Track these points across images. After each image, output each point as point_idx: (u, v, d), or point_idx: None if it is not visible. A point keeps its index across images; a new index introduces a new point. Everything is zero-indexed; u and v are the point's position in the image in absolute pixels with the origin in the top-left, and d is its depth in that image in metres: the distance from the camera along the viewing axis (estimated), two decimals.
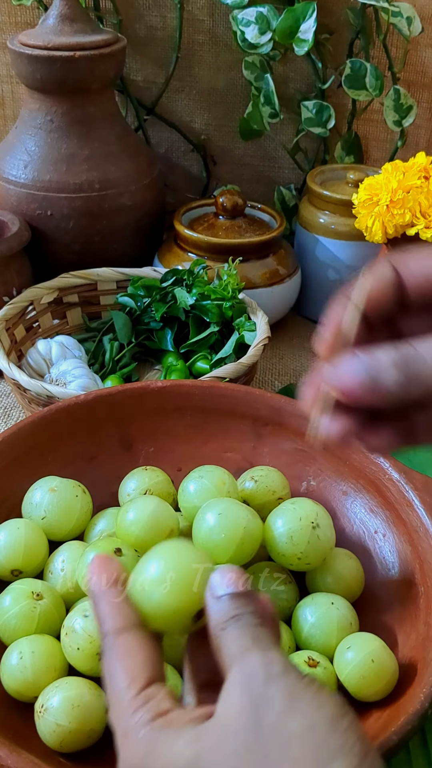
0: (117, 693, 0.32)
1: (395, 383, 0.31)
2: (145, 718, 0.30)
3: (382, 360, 0.31)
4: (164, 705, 0.31)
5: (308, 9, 0.90)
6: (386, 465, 0.59)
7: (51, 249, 0.92)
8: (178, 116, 1.10)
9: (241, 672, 0.30)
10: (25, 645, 0.49)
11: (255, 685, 0.29)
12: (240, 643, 0.31)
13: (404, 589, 0.55)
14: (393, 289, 0.33)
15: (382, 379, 0.31)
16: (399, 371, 0.30)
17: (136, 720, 0.31)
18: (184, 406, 0.65)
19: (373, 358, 0.31)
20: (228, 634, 0.31)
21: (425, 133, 1.05)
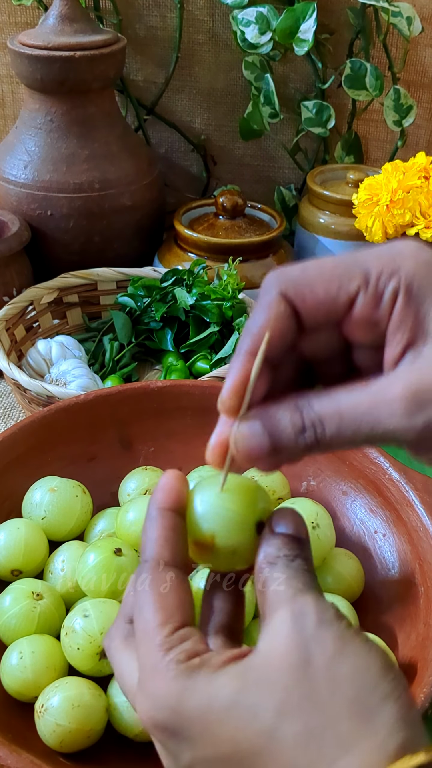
0: (148, 628, 0.31)
1: (297, 448, 0.31)
2: (180, 657, 0.29)
3: (282, 426, 0.31)
4: (199, 646, 0.30)
5: (308, 9, 0.90)
6: (386, 465, 0.59)
7: (51, 249, 0.92)
8: (178, 116, 1.10)
9: (293, 612, 0.29)
10: (25, 645, 0.49)
11: (307, 625, 0.29)
12: (291, 584, 0.30)
13: (404, 589, 0.55)
14: (290, 325, 0.32)
15: (283, 445, 0.31)
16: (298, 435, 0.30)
17: (170, 658, 0.30)
18: (184, 406, 0.65)
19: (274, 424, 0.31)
20: (278, 572, 0.31)
21: (425, 133, 1.05)
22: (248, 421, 0.32)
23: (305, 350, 0.33)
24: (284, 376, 0.33)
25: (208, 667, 0.29)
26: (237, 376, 0.32)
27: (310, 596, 0.30)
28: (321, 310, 0.31)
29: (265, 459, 0.32)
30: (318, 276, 0.31)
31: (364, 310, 0.31)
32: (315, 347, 0.33)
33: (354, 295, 0.31)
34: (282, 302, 0.31)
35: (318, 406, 0.30)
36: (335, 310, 0.31)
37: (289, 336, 0.32)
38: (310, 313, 0.31)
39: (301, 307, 0.31)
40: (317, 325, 0.32)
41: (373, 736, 0.26)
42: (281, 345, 0.32)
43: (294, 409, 0.31)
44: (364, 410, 0.30)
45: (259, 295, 0.32)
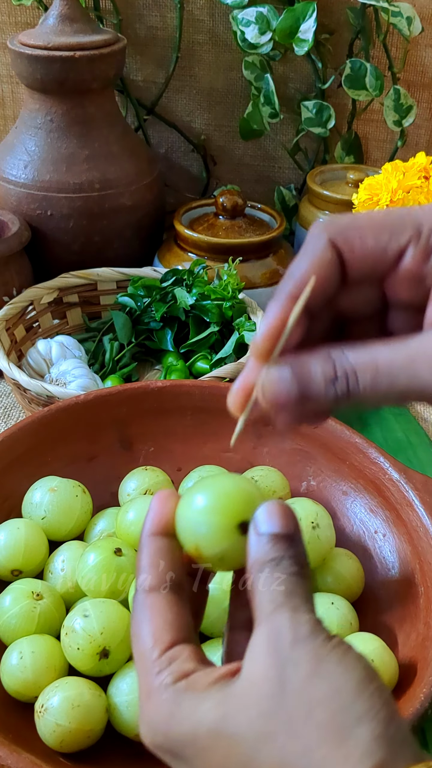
0: (142, 653, 0.31)
1: (327, 398, 0.30)
2: (168, 679, 0.30)
3: (313, 373, 0.30)
4: (187, 666, 0.30)
5: (308, 9, 0.90)
6: (386, 465, 0.59)
7: (51, 249, 0.92)
8: (178, 116, 1.10)
9: (269, 632, 0.29)
10: (25, 645, 0.49)
11: (282, 647, 0.28)
12: (272, 597, 0.30)
13: (404, 589, 0.55)
14: (335, 274, 0.31)
15: (313, 393, 0.30)
16: (328, 385, 0.30)
17: (160, 681, 0.30)
18: (184, 406, 0.65)
19: (305, 371, 0.30)
20: (263, 581, 0.30)
21: (425, 133, 1.05)
22: (278, 366, 0.31)
23: (344, 305, 0.32)
24: (318, 329, 0.32)
25: (194, 689, 0.29)
26: (275, 319, 0.31)
27: (286, 613, 0.29)
28: (368, 260, 0.31)
29: (290, 407, 0.30)
30: (369, 225, 0.31)
31: (413, 263, 0.30)
32: (355, 303, 0.32)
33: (404, 246, 0.30)
34: (330, 249, 0.30)
35: (353, 357, 0.30)
36: (383, 262, 0.31)
37: (332, 286, 0.31)
38: (356, 262, 0.31)
39: (348, 255, 0.31)
40: (362, 277, 0.31)
41: (345, 760, 0.26)
42: (323, 294, 0.31)
43: (327, 357, 0.30)
44: (401, 364, 0.29)
45: (306, 239, 0.31)
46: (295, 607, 0.29)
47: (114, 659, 0.49)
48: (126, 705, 0.47)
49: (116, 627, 0.49)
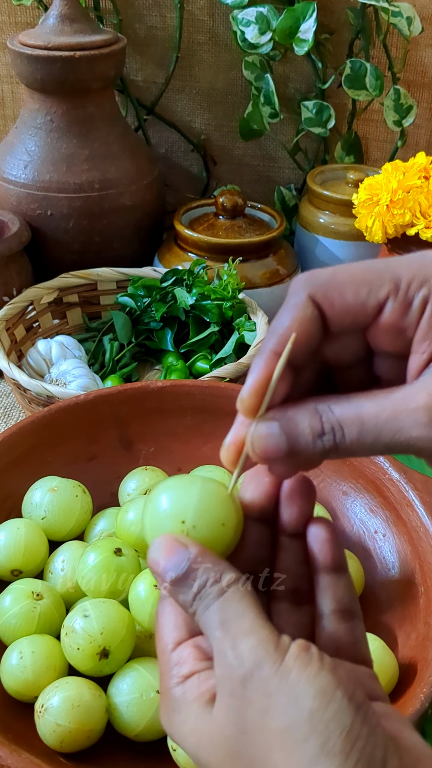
0: (158, 655, 0.33)
1: (314, 452, 0.30)
2: (173, 682, 0.31)
3: (300, 428, 0.30)
4: (186, 668, 0.31)
5: (308, 9, 0.90)
6: (386, 465, 0.59)
7: (51, 249, 0.92)
8: (178, 116, 1.10)
9: (220, 673, 0.30)
10: (25, 645, 0.49)
11: (234, 689, 0.29)
12: (212, 633, 0.30)
13: (404, 589, 0.55)
14: (317, 328, 0.31)
15: (301, 448, 0.30)
16: (316, 439, 0.30)
17: (167, 684, 0.32)
18: (184, 406, 0.65)
19: (292, 426, 0.31)
20: (200, 620, 0.31)
21: (425, 133, 1.05)
22: (266, 421, 0.31)
23: (328, 355, 0.33)
24: (305, 380, 0.33)
25: (185, 699, 0.31)
26: (259, 375, 0.31)
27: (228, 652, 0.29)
28: (348, 315, 0.31)
29: (280, 461, 0.31)
30: (348, 280, 0.31)
31: (392, 317, 0.30)
32: (338, 352, 0.33)
33: (383, 301, 0.30)
34: (310, 305, 0.31)
35: (339, 411, 0.30)
36: (363, 315, 0.31)
37: (315, 339, 0.31)
38: (337, 317, 0.31)
39: (328, 310, 0.31)
40: (343, 329, 0.32)
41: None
42: (306, 348, 0.31)
43: (314, 412, 0.31)
44: (386, 418, 0.29)
45: (287, 295, 0.32)
46: (233, 639, 0.29)
47: (114, 659, 0.49)
48: (126, 705, 0.47)
49: (116, 627, 0.49)
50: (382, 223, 0.80)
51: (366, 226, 0.82)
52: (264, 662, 0.29)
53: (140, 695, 0.47)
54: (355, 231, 0.87)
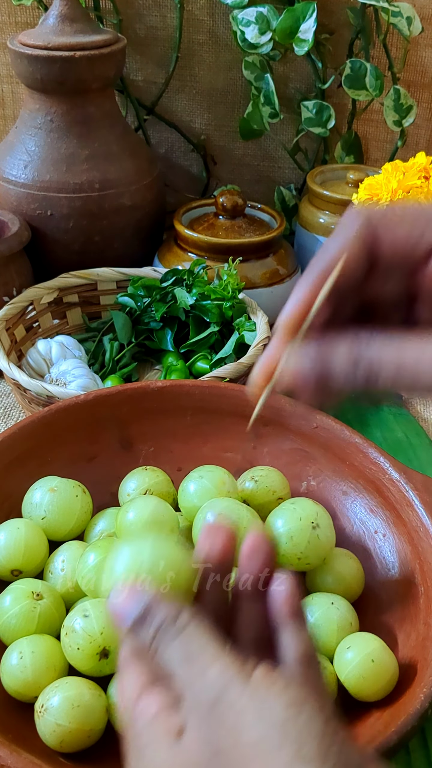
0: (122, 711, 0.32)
1: (346, 384, 0.30)
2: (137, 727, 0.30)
3: (335, 359, 0.30)
4: (150, 710, 0.30)
5: (308, 9, 0.90)
6: (386, 465, 0.59)
7: (51, 249, 0.92)
8: (178, 116, 1.10)
9: (188, 704, 0.29)
10: (25, 645, 0.49)
11: (204, 714, 0.29)
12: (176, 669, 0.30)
13: (404, 589, 0.55)
14: (365, 260, 0.30)
15: (333, 378, 0.30)
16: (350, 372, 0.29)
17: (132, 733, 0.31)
18: (184, 406, 0.65)
19: (327, 355, 0.30)
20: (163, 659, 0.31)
21: (425, 133, 1.05)
22: (302, 349, 0.30)
23: (372, 292, 0.32)
24: (345, 311, 0.32)
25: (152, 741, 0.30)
26: (302, 298, 0.30)
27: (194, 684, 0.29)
28: (399, 252, 0.30)
29: (309, 388, 0.30)
30: (402, 219, 0.30)
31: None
32: (382, 290, 0.32)
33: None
34: (360, 236, 0.30)
35: (378, 349, 0.29)
36: (413, 256, 0.30)
37: (361, 272, 0.31)
38: (387, 252, 0.30)
39: (379, 245, 0.30)
40: (391, 267, 0.31)
41: None
42: (351, 279, 0.31)
43: (352, 344, 0.30)
44: (427, 366, 0.28)
45: (340, 221, 0.31)
46: (200, 669, 0.29)
47: (114, 659, 0.49)
48: None
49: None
50: None
51: None
52: (231, 683, 0.29)
53: None
54: None
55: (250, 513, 0.56)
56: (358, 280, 0.31)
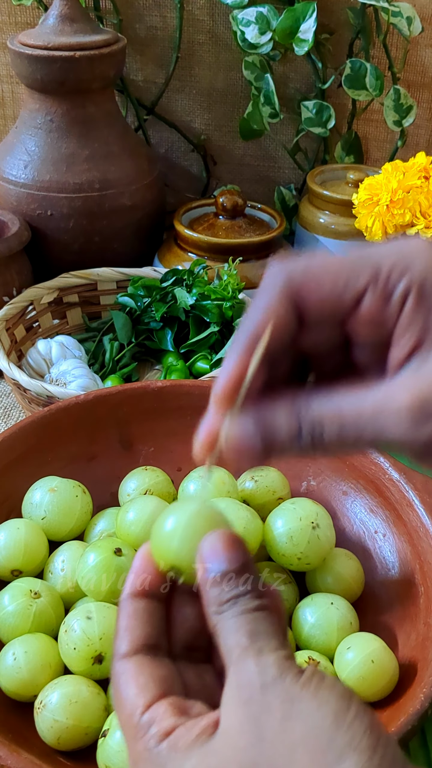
0: (124, 721, 0.31)
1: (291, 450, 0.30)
2: (151, 743, 0.29)
3: (277, 425, 0.29)
4: (167, 723, 0.29)
5: (308, 9, 0.90)
6: (386, 465, 0.59)
7: (51, 249, 0.92)
8: (178, 116, 1.10)
9: (238, 682, 0.29)
10: (17, 645, 0.49)
11: (252, 696, 0.28)
12: (236, 639, 0.29)
13: (404, 589, 0.55)
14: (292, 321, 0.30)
15: (277, 445, 0.30)
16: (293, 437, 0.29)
17: (143, 746, 0.29)
18: (184, 406, 0.65)
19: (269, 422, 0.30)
20: (224, 623, 0.30)
21: (425, 133, 1.05)
22: (241, 417, 0.30)
23: (304, 345, 0.32)
24: (281, 370, 0.32)
25: (176, 749, 0.29)
26: (233, 369, 0.30)
27: (251, 659, 0.28)
28: (326, 306, 0.30)
29: (254, 458, 0.30)
30: (324, 270, 0.30)
31: (372, 308, 0.30)
32: (315, 342, 0.32)
33: (362, 291, 0.29)
34: (285, 296, 0.30)
35: (317, 408, 0.29)
36: (341, 307, 0.30)
37: (290, 332, 0.30)
38: (313, 308, 0.30)
39: (304, 302, 0.30)
40: (320, 320, 0.31)
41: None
42: (281, 341, 0.30)
43: (290, 408, 0.30)
44: (368, 417, 0.28)
45: (260, 286, 0.31)
46: (259, 649, 0.29)
47: (107, 666, 0.49)
48: None
49: None
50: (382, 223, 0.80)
51: (366, 226, 0.82)
52: (287, 671, 0.28)
53: None
54: (355, 231, 0.87)
55: (250, 513, 0.56)
56: (288, 340, 0.31)
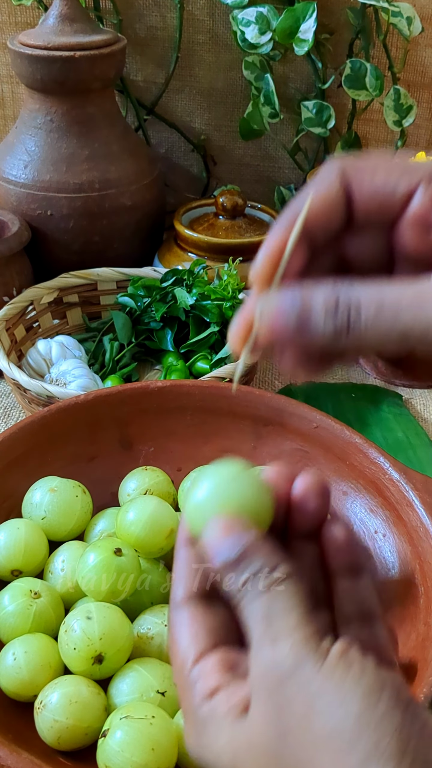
0: (177, 669, 0.30)
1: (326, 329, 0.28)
2: (196, 700, 0.29)
3: (314, 301, 0.28)
4: (212, 682, 0.29)
5: (308, 9, 0.90)
6: (386, 465, 0.59)
7: (51, 249, 0.92)
8: (178, 116, 1.10)
9: (258, 672, 0.28)
10: (17, 645, 0.49)
11: (273, 688, 0.27)
12: (253, 626, 0.28)
13: (404, 589, 0.55)
14: (341, 206, 0.29)
15: (312, 322, 0.28)
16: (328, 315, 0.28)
17: (189, 702, 0.29)
18: (184, 406, 0.65)
19: (306, 297, 0.28)
20: (243, 609, 0.29)
21: (425, 133, 1.05)
22: (279, 293, 0.29)
23: (349, 251, 0.31)
24: (323, 266, 0.31)
25: (214, 715, 0.28)
26: (272, 246, 0.29)
27: (266, 649, 0.28)
28: (376, 198, 0.29)
29: (288, 338, 0.29)
30: (377, 167, 0.30)
31: (421, 207, 0.29)
32: (361, 249, 0.31)
33: (414, 188, 0.29)
34: (337, 181, 0.29)
35: (358, 290, 0.28)
36: (391, 203, 0.29)
37: (338, 220, 0.30)
38: (364, 199, 0.29)
39: (356, 191, 0.29)
40: (369, 217, 0.30)
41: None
42: (327, 225, 0.30)
43: (331, 286, 0.28)
44: (408, 301, 0.27)
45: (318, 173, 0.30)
46: (274, 636, 0.28)
47: (107, 667, 0.49)
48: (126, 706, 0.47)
49: (116, 635, 0.49)
50: None
51: None
52: (305, 662, 0.27)
53: (140, 695, 0.47)
54: None
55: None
56: (335, 229, 0.30)
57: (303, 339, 0.29)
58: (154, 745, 0.43)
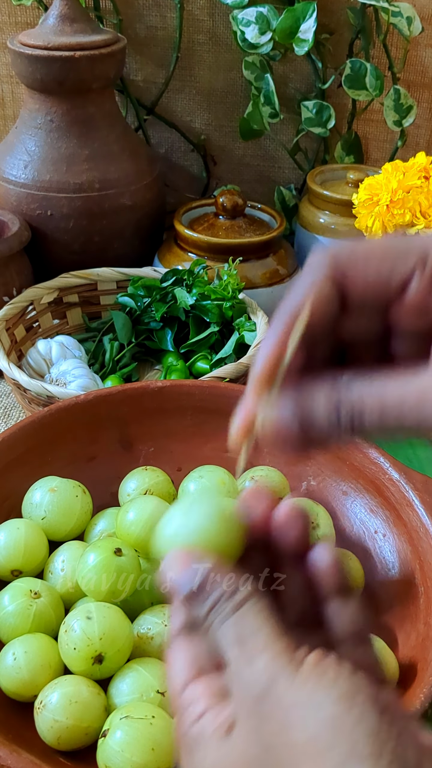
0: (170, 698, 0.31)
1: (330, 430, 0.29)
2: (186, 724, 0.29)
3: (315, 406, 0.29)
4: (198, 707, 0.29)
5: (308, 9, 0.90)
6: (386, 465, 0.59)
7: (51, 249, 0.92)
8: (178, 116, 1.10)
9: (237, 693, 0.28)
10: (17, 645, 0.49)
11: (251, 707, 0.28)
12: (227, 649, 0.29)
13: (404, 589, 0.55)
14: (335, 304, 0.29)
15: (314, 428, 0.29)
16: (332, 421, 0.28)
17: (181, 726, 0.30)
18: (184, 406, 0.65)
19: (306, 404, 0.29)
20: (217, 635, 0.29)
21: (425, 133, 1.05)
22: (279, 399, 0.29)
23: (345, 331, 0.31)
24: (319, 355, 0.31)
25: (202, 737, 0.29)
26: (272, 350, 0.30)
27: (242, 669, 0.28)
28: (371, 289, 0.29)
29: (293, 437, 0.29)
30: (371, 253, 0.29)
31: (418, 294, 0.29)
32: (356, 329, 0.31)
33: (409, 276, 0.29)
34: (329, 277, 0.29)
35: (358, 392, 0.28)
36: (386, 292, 0.29)
37: (333, 313, 0.30)
38: (358, 291, 0.29)
39: (349, 284, 0.29)
40: (364, 305, 0.30)
41: None
42: (324, 321, 0.30)
43: (333, 387, 0.29)
44: (412, 403, 0.28)
45: (306, 265, 0.30)
46: (249, 657, 0.28)
47: (107, 667, 0.49)
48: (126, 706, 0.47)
49: (116, 635, 0.49)
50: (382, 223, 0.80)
51: (366, 226, 0.82)
52: (279, 676, 0.27)
53: (140, 695, 0.47)
54: (355, 231, 0.87)
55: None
56: (330, 322, 0.30)
57: (306, 443, 0.29)
58: (154, 745, 0.44)
